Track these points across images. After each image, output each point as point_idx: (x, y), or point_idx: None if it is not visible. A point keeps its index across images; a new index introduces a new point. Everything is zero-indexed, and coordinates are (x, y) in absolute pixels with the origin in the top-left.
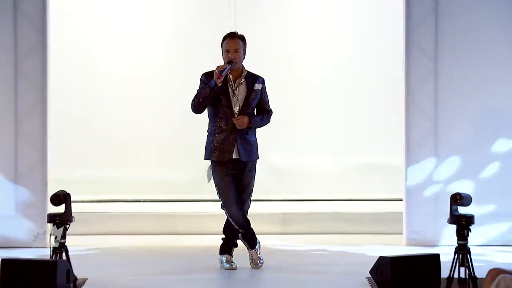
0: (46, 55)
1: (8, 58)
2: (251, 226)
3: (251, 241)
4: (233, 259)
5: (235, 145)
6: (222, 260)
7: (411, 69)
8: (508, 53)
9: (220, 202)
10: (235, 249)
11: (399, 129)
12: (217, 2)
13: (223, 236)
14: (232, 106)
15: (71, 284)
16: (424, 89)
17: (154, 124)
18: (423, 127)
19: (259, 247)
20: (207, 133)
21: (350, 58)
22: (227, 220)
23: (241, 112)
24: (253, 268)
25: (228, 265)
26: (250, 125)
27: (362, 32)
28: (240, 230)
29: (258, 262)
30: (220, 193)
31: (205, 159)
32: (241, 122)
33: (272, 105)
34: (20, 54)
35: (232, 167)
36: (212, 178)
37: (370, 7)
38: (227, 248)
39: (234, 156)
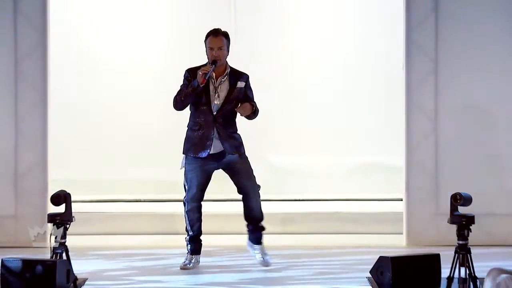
0: (46, 55)
1: (8, 58)
2: (201, 238)
3: (197, 247)
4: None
5: (214, 140)
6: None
7: (411, 69)
8: (508, 53)
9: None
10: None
11: (399, 129)
12: (217, 2)
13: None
14: (211, 104)
15: (71, 284)
16: (424, 89)
17: (154, 124)
18: (423, 127)
19: (197, 260)
20: (186, 127)
21: (350, 58)
22: (245, 207)
23: (220, 110)
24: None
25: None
26: (254, 109)
27: (362, 32)
28: (190, 233)
29: (185, 267)
30: (187, 184)
31: (183, 153)
32: (244, 108)
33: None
34: (20, 54)
35: (213, 162)
36: (184, 168)
37: (370, 7)
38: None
39: (213, 152)
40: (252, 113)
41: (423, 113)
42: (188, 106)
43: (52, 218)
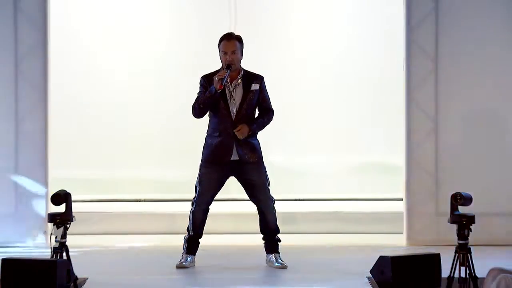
0: (46, 54)
1: (8, 58)
2: (200, 240)
3: (194, 248)
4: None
5: (234, 147)
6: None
7: (411, 69)
8: (508, 52)
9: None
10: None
11: (399, 129)
12: (217, 2)
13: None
14: (230, 109)
15: (72, 284)
16: (425, 88)
17: (154, 124)
18: (424, 126)
19: (193, 260)
20: (206, 134)
21: (350, 58)
22: (261, 220)
23: (238, 114)
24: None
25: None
26: (250, 133)
27: (362, 32)
28: (190, 233)
29: (181, 266)
30: (199, 186)
31: (202, 159)
32: (242, 132)
33: (272, 105)
34: (20, 54)
35: (230, 169)
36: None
37: (370, 7)
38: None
39: (233, 158)
40: (252, 134)
41: (423, 113)
42: (207, 113)
43: (52, 217)
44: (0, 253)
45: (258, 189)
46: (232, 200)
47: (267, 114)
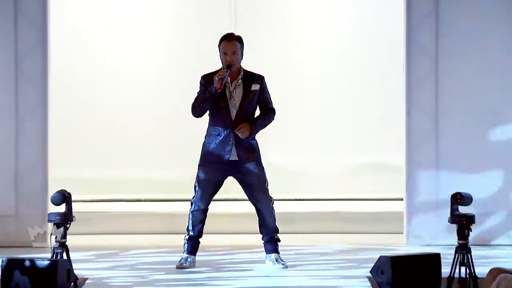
0: (46, 54)
1: (8, 57)
2: (200, 240)
3: (194, 248)
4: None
5: (233, 147)
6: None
7: (411, 69)
8: (508, 52)
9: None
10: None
11: (399, 129)
12: (217, 3)
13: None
14: (230, 109)
15: (72, 284)
16: (425, 88)
17: (154, 124)
18: (424, 126)
19: (193, 260)
20: (205, 134)
21: (350, 58)
22: (260, 220)
23: (238, 115)
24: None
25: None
26: (252, 132)
27: (363, 32)
28: (190, 233)
29: (181, 266)
30: (198, 187)
31: (201, 158)
32: (243, 131)
33: (274, 105)
34: (20, 53)
35: (228, 169)
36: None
37: (370, 7)
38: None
39: (232, 158)
40: (253, 133)
41: (423, 113)
42: (207, 113)
43: (53, 217)
44: (0, 253)
45: (257, 190)
46: (232, 200)
47: (268, 113)
